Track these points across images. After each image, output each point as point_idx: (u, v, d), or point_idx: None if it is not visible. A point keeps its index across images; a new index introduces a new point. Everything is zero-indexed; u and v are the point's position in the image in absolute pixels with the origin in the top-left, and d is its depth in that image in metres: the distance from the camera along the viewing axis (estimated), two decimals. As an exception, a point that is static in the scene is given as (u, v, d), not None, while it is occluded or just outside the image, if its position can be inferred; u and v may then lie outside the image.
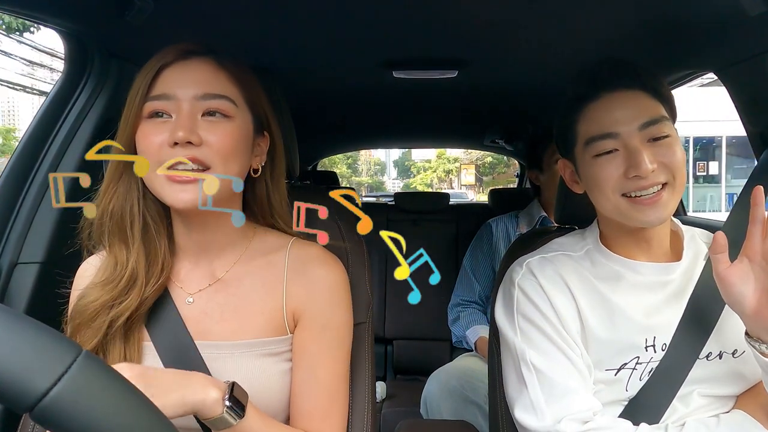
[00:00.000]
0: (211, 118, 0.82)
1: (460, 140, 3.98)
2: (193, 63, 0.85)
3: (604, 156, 0.94)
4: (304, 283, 0.90)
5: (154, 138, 0.80)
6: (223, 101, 0.83)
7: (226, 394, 0.74)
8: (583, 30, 1.34)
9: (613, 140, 0.93)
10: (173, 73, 0.84)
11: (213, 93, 0.83)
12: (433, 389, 1.83)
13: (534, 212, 2.09)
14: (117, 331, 0.84)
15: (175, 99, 0.82)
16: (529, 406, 0.93)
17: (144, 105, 0.82)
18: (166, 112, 0.82)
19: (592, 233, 1.07)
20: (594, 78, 0.98)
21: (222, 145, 0.81)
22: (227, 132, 0.82)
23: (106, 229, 0.86)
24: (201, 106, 0.82)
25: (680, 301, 0.97)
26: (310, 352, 0.88)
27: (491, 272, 2.13)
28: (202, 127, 0.81)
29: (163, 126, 0.81)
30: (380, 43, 1.46)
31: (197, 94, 0.82)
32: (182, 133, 0.78)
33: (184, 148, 0.79)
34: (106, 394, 0.42)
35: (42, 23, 1.09)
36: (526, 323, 0.98)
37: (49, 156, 1.16)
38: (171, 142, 0.78)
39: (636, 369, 0.95)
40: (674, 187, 0.92)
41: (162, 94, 0.82)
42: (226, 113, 0.83)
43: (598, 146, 0.94)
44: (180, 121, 0.80)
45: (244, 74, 0.89)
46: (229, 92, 0.85)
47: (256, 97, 0.90)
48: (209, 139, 0.80)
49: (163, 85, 0.83)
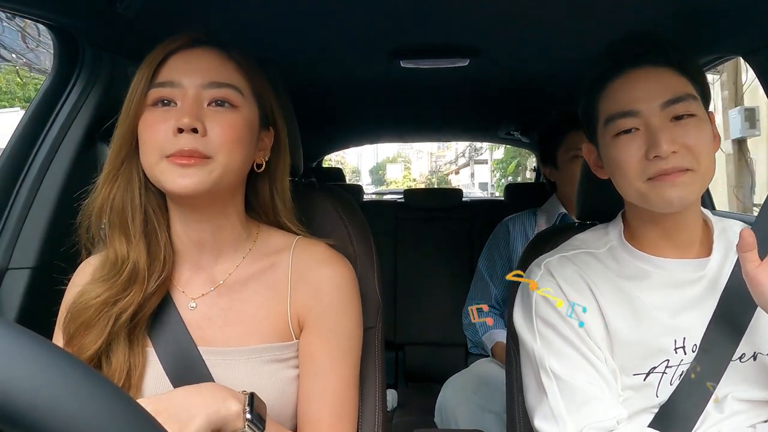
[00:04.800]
0: (217, 108, 0.84)
1: (474, 133, 3.97)
2: (200, 51, 0.87)
3: (624, 135, 0.92)
4: (309, 285, 0.90)
5: (158, 126, 0.81)
6: (230, 90, 0.85)
7: (246, 407, 0.74)
8: (603, 15, 1.32)
9: (633, 118, 0.92)
10: (179, 60, 0.85)
11: (219, 81, 0.84)
12: (448, 397, 1.83)
13: (553, 209, 2.07)
14: (121, 334, 0.84)
15: (181, 86, 0.83)
16: (549, 415, 0.93)
17: (149, 92, 0.83)
18: (171, 100, 0.83)
19: (615, 228, 1.05)
20: (617, 53, 0.97)
21: (226, 136, 0.82)
22: (232, 122, 0.84)
23: (107, 220, 0.87)
24: (207, 95, 0.83)
25: (711, 299, 0.95)
26: (317, 358, 0.89)
27: (508, 274, 2.11)
28: (208, 117, 0.82)
29: (168, 114, 0.82)
30: (386, 31, 1.46)
31: (203, 82, 0.83)
32: (187, 120, 0.79)
33: (189, 136, 0.79)
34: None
35: (29, 17, 1.10)
36: (545, 327, 0.97)
37: (39, 155, 1.16)
38: (175, 128, 0.79)
39: (666, 373, 0.94)
40: (698, 173, 0.90)
41: (168, 81, 0.83)
42: (232, 103, 0.85)
43: (618, 125, 0.93)
44: (185, 107, 0.81)
45: (251, 65, 0.90)
46: (236, 82, 0.86)
47: (262, 89, 0.92)
48: (213, 129, 0.81)
49: (169, 72, 0.84)
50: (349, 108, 2.61)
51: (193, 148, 0.79)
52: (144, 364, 0.86)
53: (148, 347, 0.88)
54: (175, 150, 0.79)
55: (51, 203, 1.15)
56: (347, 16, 1.33)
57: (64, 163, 1.18)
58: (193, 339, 0.87)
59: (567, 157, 1.96)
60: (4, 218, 1.13)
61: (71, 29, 1.17)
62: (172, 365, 0.86)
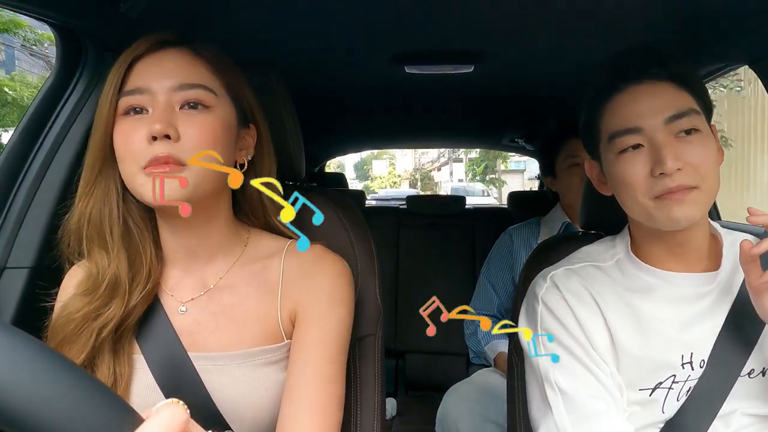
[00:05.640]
0: (190, 111, 0.82)
1: (477, 139, 3.97)
2: (167, 53, 0.85)
3: (629, 152, 0.92)
4: (302, 284, 0.89)
5: (131, 135, 0.79)
6: (201, 91, 0.83)
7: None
8: (608, 23, 1.32)
9: (636, 135, 0.91)
10: (147, 65, 0.83)
11: (189, 83, 0.82)
12: (450, 407, 1.82)
13: (556, 218, 2.06)
14: (105, 345, 0.83)
15: (150, 92, 0.81)
16: (553, 430, 0.92)
17: (118, 101, 0.82)
18: (142, 107, 0.81)
19: (622, 241, 1.04)
20: (618, 68, 0.97)
21: (201, 138, 0.80)
22: (206, 124, 0.82)
23: (84, 235, 0.86)
24: (178, 98, 0.81)
25: (719, 313, 0.95)
26: (307, 341, 0.86)
27: (511, 284, 2.11)
28: (181, 120, 0.80)
29: (140, 122, 0.80)
30: (390, 36, 1.46)
31: (173, 85, 0.81)
32: (159, 126, 0.77)
33: (162, 143, 0.78)
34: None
35: (33, 16, 1.10)
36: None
37: (40, 155, 1.17)
38: (149, 137, 0.78)
39: (672, 388, 0.93)
40: (703, 190, 0.89)
41: (136, 88, 0.82)
42: (205, 104, 0.83)
43: (622, 142, 0.92)
44: (156, 114, 0.80)
45: (222, 63, 0.88)
46: (207, 81, 0.84)
47: (237, 86, 0.90)
48: (187, 132, 0.80)
49: (137, 78, 0.82)
50: (352, 113, 2.61)
51: (168, 154, 0.77)
52: (130, 373, 0.85)
53: (136, 354, 0.86)
54: (150, 158, 0.77)
55: (50, 203, 1.15)
56: (351, 21, 1.34)
57: (65, 163, 1.18)
58: (183, 345, 0.86)
59: (565, 165, 1.96)
60: (2, 217, 1.13)
61: (74, 29, 1.18)
62: (162, 373, 0.85)
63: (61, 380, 0.41)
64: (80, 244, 0.87)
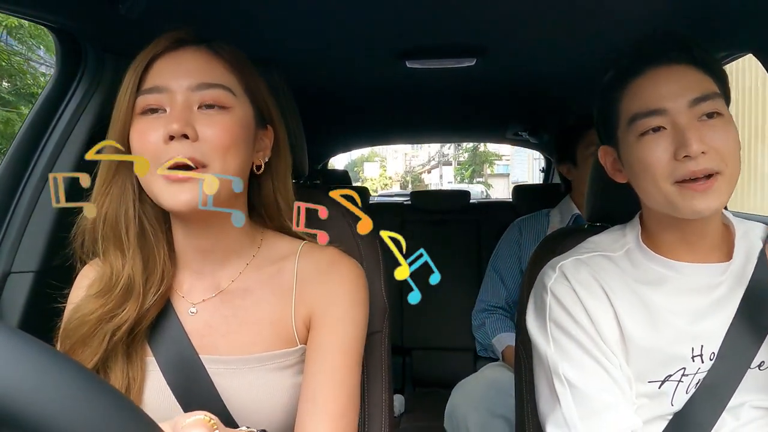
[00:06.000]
0: (208, 111, 0.81)
1: (481, 133, 3.97)
2: (185, 52, 0.84)
3: (650, 135, 0.90)
4: (317, 288, 0.88)
5: (149, 135, 0.79)
6: (220, 91, 0.82)
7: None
8: (612, 14, 1.32)
9: (660, 117, 0.90)
10: (165, 63, 0.83)
11: (208, 82, 0.82)
12: (458, 402, 1.82)
13: (566, 210, 2.05)
14: (118, 347, 0.83)
15: (169, 91, 0.81)
16: (562, 423, 0.92)
17: (136, 100, 0.81)
18: (160, 107, 0.81)
19: (632, 230, 1.03)
20: (639, 51, 0.95)
21: (220, 139, 0.80)
22: (225, 124, 0.81)
23: (99, 235, 0.85)
24: (196, 98, 0.81)
25: (730, 305, 0.94)
26: (324, 347, 0.86)
27: (519, 276, 2.10)
28: (199, 121, 0.79)
29: (158, 121, 0.79)
30: (392, 31, 1.45)
31: (191, 84, 0.81)
32: (177, 126, 0.77)
33: (181, 143, 0.77)
34: None
35: (31, 19, 1.10)
36: (559, 332, 0.96)
37: (42, 158, 1.17)
38: (166, 136, 0.77)
39: (682, 381, 0.92)
40: (726, 176, 0.88)
41: (154, 86, 0.81)
42: (223, 104, 0.82)
43: (644, 124, 0.91)
44: (174, 113, 0.79)
45: (241, 62, 0.87)
46: (226, 81, 0.84)
47: (255, 86, 0.89)
48: (206, 133, 0.79)
49: (155, 77, 0.82)
50: (354, 109, 2.61)
51: (188, 156, 0.77)
52: (143, 376, 0.85)
53: (148, 356, 0.86)
54: (167, 159, 0.77)
55: (54, 207, 1.16)
56: (352, 16, 1.33)
57: (68, 167, 1.18)
58: (194, 347, 0.86)
59: (587, 153, 1.94)
60: (6, 222, 1.14)
61: (74, 31, 1.18)
62: (173, 376, 0.85)
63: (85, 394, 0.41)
64: (95, 243, 0.86)
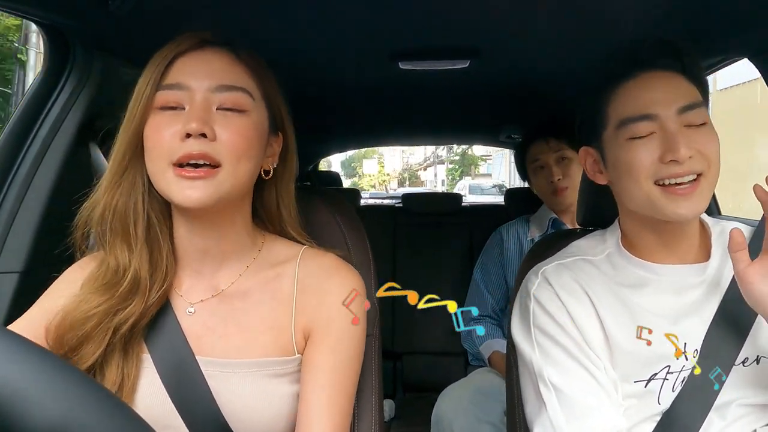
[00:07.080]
0: (226, 113, 0.82)
1: (474, 136, 3.97)
2: (208, 53, 0.85)
3: (640, 140, 0.93)
4: (316, 295, 0.89)
5: (165, 130, 0.80)
6: (240, 94, 0.84)
7: None
8: (606, 16, 1.32)
9: (650, 122, 0.92)
10: (188, 62, 0.84)
11: (229, 85, 0.83)
12: (445, 408, 1.82)
13: (544, 214, 2.12)
14: (117, 345, 0.83)
15: (189, 89, 0.82)
16: (548, 427, 0.93)
17: (156, 94, 0.82)
18: (179, 104, 0.82)
19: (613, 235, 1.06)
20: (631, 56, 0.98)
21: (236, 142, 0.81)
22: (242, 128, 0.83)
23: (108, 227, 0.86)
24: (216, 99, 0.82)
25: (711, 303, 0.97)
26: (322, 369, 0.87)
27: (504, 283, 2.14)
28: (217, 121, 0.81)
29: (176, 118, 0.80)
30: (384, 32, 1.46)
31: (212, 85, 0.82)
32: (195, 125, 0.78)
33: (197, 141, 0.78)
34: None
35: (19, 14, 1.10)
36: (543, 337, 0.97)
37: (28, 156, 1.16)
38: (183, 133, 0.78)
39: (667, 379, 0.94)
40: (708, 178, 0.92)
41: (176, 83, 0.82)
42: (242, 108, 0.83)
43: (634, 129, 0.93)
44: (193, 111, 0.80)
45: (261, 67, 0.90)
46: (246, 85, 0.85)
47: (272, 92, 0.91)
48: (222, 134, 0.80)
49: (177, 74, 0.83)
50: (346, 110, 2.61)
51: (203, 152, 0.78)
52: (137, 374, 0.85)
53: (144, 353, 0.86)
54: (182, 153, 0.78)
55: (40, 206, 1.15)
56: (344, 17, 1.33)
57: (54, 165, 1.18)
58: (191, 347, 0.86)
59: (534, 166, 2.08)
60: (-9, 221, 1.13)
61: (62, 28, 1.17)
62: (169, 375, 0.85)
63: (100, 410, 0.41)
64: (103, 235, 0.87)
